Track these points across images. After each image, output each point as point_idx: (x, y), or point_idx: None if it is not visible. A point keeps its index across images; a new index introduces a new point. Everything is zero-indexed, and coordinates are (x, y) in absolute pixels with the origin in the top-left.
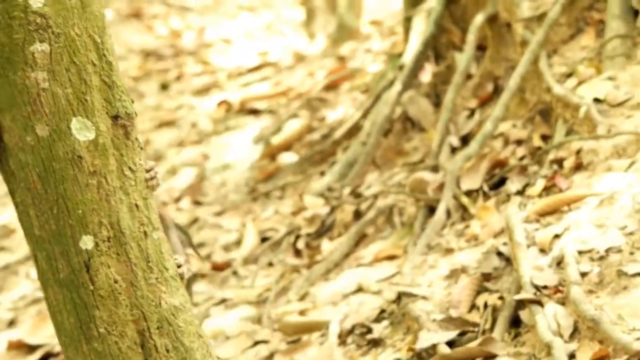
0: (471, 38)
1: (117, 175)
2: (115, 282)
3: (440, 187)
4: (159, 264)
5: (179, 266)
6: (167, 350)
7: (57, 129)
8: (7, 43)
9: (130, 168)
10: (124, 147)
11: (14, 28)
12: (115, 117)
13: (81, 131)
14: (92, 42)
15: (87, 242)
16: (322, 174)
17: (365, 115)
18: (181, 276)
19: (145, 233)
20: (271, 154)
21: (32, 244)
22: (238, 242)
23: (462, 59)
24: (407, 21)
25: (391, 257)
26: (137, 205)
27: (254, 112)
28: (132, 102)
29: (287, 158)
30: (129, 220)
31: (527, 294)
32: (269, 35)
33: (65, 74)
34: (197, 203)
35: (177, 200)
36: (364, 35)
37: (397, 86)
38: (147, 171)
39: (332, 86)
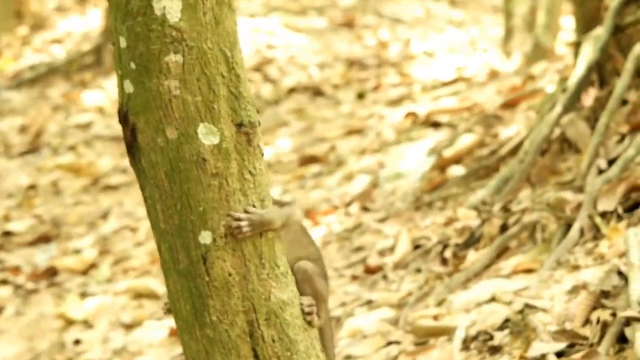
0: (629, 66)
1: (238, 178)
2: (229, 275)
3: (578, 206)
4: (271, 261)
5: (308, 312)
6: (273, 341)
7: (185, 132)
8: (145, 53)
9: (250, 172)
10: (245, 153)
11: (151, 39)
12: (239, 125)
13: (207, 136)
14: (222, 55)
15: (205, 237)
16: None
17: (530, 134)
18: (309, 322)
19: (260, 232)
20: (442, 166)
21: (157, 236)
22: (393, 248)
23: (619, 85)
24: (577, 46)
25: (528, 271)
26: (254, 206)
27: (436, 124)
28: (257, 112)
29: (456, 171)
30: None
31: (633, 312)
32: (471, 50)
33: (196, 84)
34: (365, 209)
35: (348, 204)
36: (558, 55)
37: (558, 108)
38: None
39: (511, 104)
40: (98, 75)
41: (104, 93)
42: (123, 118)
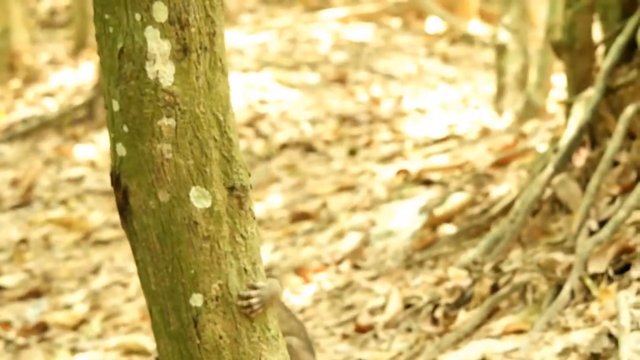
0: (620, 128)
1: (229, 241)
2: (220, 337)
3: (569, 268)
4: (262, 324)
5: None
6: None
7: (177, 196)
8: (137, 116)
9: (241, 235)
10: (237, 216)
11: (144, 103)
12: (231, 188)
13: (199, 199)
14: (215, 119)
15: (196, 300)
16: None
17: (521, 194)
18: None
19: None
20: (432, 225)
21: (148, 298)
22: (383, 307)
23: (610, 146)
24: (568, 106)
25: (519, 332)
26: (245, 270)
27: (427, 182)
28: (249, 175)
29: (447, 230)
30: (237, 282)
31: None
32: (463, 108)
33: (188, 147)
34: (356, 267)
35: (339, 262)
36: (550, 114)
37: (549, 168)
38: None
39: (502, 163)
40: (90, 129)
41: (95, 147)
42: (115, 181)
